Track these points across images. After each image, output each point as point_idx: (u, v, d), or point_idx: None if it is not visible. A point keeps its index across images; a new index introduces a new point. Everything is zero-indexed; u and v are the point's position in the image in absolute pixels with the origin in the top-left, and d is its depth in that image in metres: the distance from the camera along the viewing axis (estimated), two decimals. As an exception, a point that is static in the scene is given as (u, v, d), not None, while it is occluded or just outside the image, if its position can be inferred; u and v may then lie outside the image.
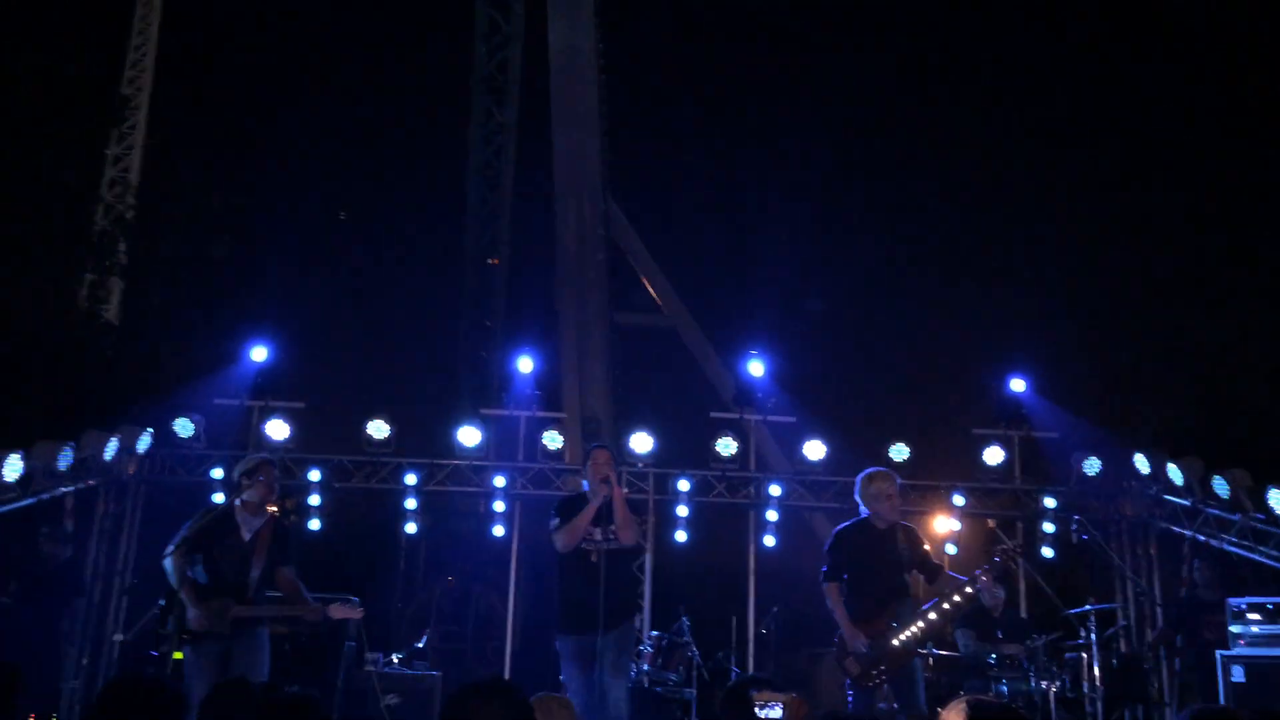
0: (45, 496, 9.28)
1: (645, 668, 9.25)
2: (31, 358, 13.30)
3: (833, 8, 22.59)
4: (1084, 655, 8.75)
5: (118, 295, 16.65)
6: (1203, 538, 9.93)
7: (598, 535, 6.38)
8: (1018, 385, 11.25)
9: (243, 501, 6.56)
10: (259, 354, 10.85)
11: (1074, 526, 9.17)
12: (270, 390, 10.88)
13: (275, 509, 6.72)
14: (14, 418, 12.20)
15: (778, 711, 4.53)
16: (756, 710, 4.61)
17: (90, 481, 10.01)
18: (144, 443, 10.39)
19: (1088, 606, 8.69)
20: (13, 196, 13.23)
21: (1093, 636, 8.57)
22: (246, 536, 6.55)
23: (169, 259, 15.86)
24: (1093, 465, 10.78)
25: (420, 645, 10.61)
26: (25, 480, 8.88)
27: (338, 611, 6.56)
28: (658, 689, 9.28)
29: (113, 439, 9.95)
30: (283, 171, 20.03)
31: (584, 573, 6.33)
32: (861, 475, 6.79)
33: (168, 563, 6.38)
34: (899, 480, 6.88)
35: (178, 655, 6.25)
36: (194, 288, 16.20)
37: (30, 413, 12.43)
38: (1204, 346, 15.98)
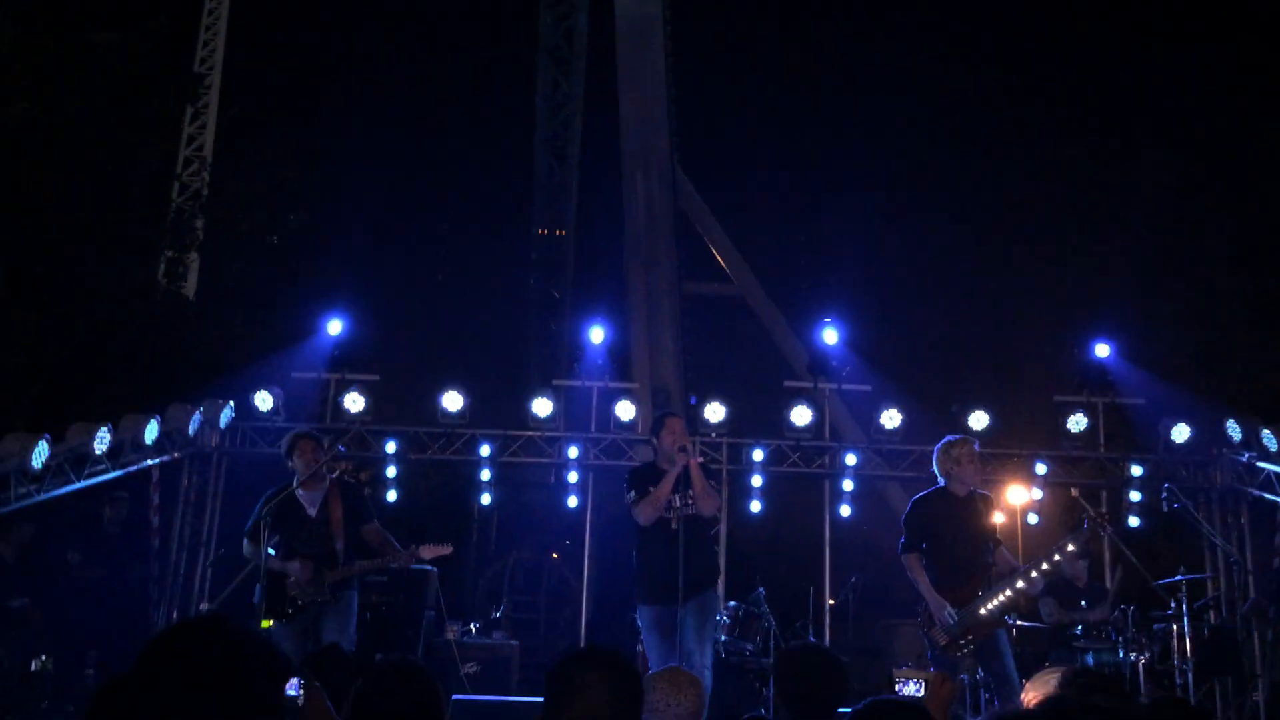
0: (133, 469, 9.51)
1: (722, 638, 9.21)
2: (115, 334, 13.61)
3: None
4: (1174, 626, 8.52)
5: (195, 271, 16.96)
6: (1298, 506, 9.60)
7: (677, 502, 6.32)
8: (1102, 350, 10.94)
9: (298, 480, 6.64)
10: (335, 327, 10.97)
11: (1164, 495, 8.90)
12: (346, 363, 10.99)
13: (342, 470, 6.81)
14: (101, 393, 12.50)
15: (920, 689, 4.42)
16: (898, 688, 4.53)
17: (175, 454, 10.22)
18: (226, 416, 10.58)
19: (1178, 577, 8.44)
20: (93, 178, 13.49)
21: (1184, 607, 8.33)
22: (313, 512, 6.65)
23: (245, 233, 16.08)
24: (1181, 432, 10.46)
25: (497, 615, 10.70)
26: (114, 452, 9.10)
27: (428, 551, 6.64)
28: (734, 659, 9.24)
29: (196, 412, 10.14)
30: (354, 145, 20.21)
31: (663, 541, 6.26)
32: (942, 443, 6.63)
33: (246, 546, 6.53)
34: (977, 445, 6.70)
35: (266, 623, 6.37)
36: (270, 262, 16.43)
37: (115, 388, 12.73)
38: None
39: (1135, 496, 10.64)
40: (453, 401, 10.77)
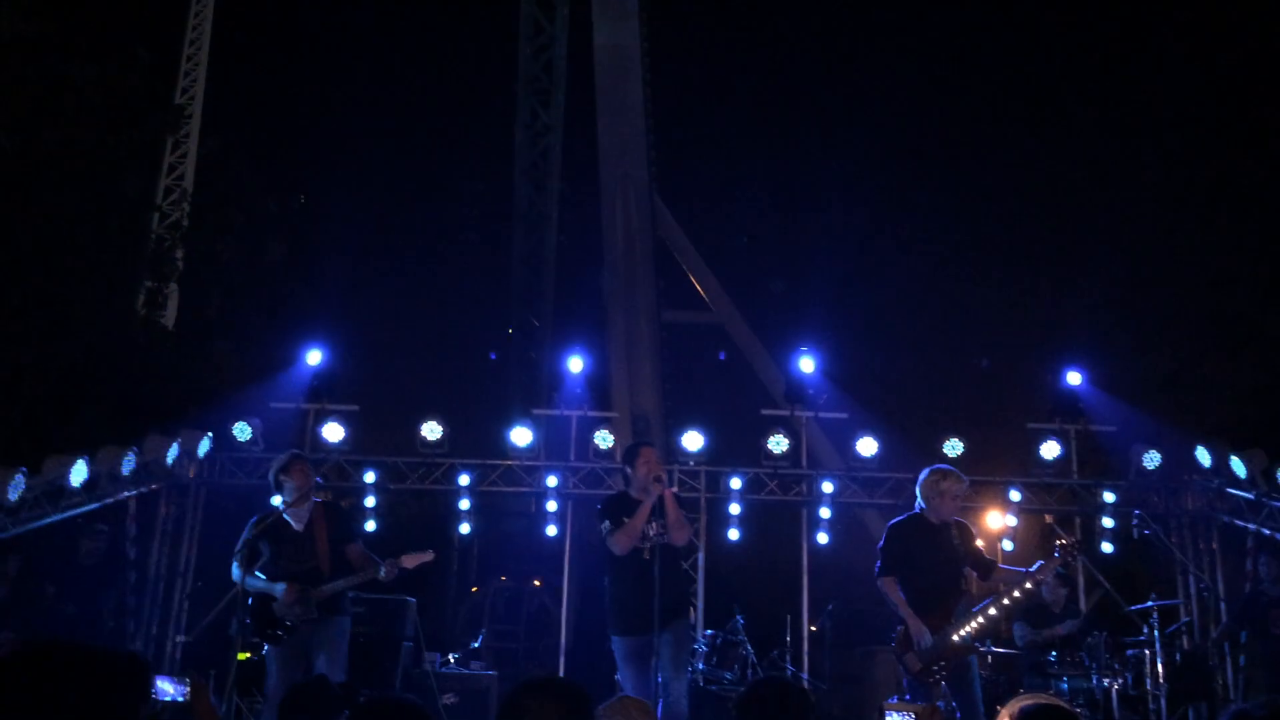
0: (109, 500, 9.49)
1: (700, 666, 9.24)
2: (94, 364, 13.58)
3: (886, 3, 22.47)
4: (1146, 652, 8.61)
5: (175, 301, 16.95)
6: (1267, 531, 9.71)
7: (651, 532, 6.35)
8: (1074, 378, 11.08)
9: (286, 501, 6.71)
10: (314, 357, 10.99)
11: (1134, 521, 9.02)
12: (326, 393, 11.01)
13: (325, 495, 6.90)
14: (78, 423, 12.47)
15: None
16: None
17: (153, 485, 10.20)
18: (204, 447, 10.57)
19: (1150, 603, 8.54)
20: (74, 208, 13.51)
21: (1155, 633, 8.42)
22: (299, 528, 6.69)
23: (225, 264, 16.10)
24: (1152, 459, 10.59)
25: (475, 645, 10.69)
26: (90, 484, 9.08)
27: (410, 560, 6.68)
28: (713, 687, 9.27)
29: (174, 443, 10.13)
30: (334, 175, 20.27)
31: (636, 571, 6.28)
32: (930, 469, 6.65)
33: (235, 571, 6.51)
34: (967, 483, 6.75)
35: (242, 656, 6.37)
36: (250, 292, 16.44)
37: (94, 418, 12.70)
38: (1265, 335, 15.64)
39: (1107, 523, 10.75)
40: (432, 431, 10.80)
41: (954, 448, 10.55)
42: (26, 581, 8.89)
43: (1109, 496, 10.79)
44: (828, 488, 11.03)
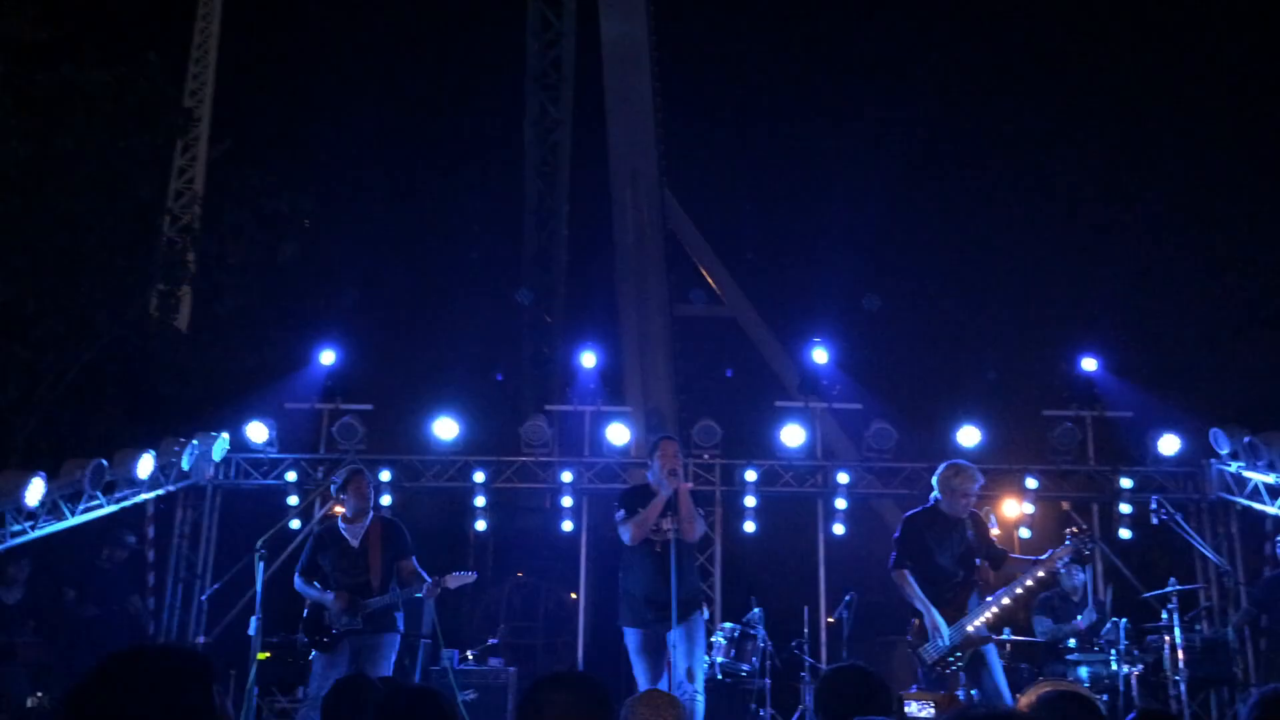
0: (128, 503, 9.54)
1: (719, 659, 9.24)
2: (108, 368, 13.64)
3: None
4: (1166, 638, 8.56)
5: (188, 304, 16.98)
6: (1287, 514, 9.65)
7: (665, 525, 6.35)
8: (1089, 364, 11.03)
9: (343, 515, 6.95)
10: (327, 357, 11.03)
11: (1153, 507, 8.96)
12: (340, 393, 11.05)
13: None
14: (95, 427, 12.52)
15: (930, 711, 4.54)
16: (907, 710, 4.63)
17: (170, 488, 10.25)
18: (220, 449, 10.61)
19: (1169, 588, 8.49)
20: (86, 212, 13.55)
21: (1175, 618, 8.37)
22: (355, 544, 6.90)
23: (237, 265, 16.12)
24: (1169, 443, 10.54)
25: (493, 642, 10.71)
26: (108, 488, 9.14)
27: (453, 580, 6.87)
28: (731, 679, 9.27)
29: (190, 445, 10.17)
30: (343, 176, 20.29)
31: (648, 564, 6.30)
32: (947, 464, 6.65)
33: (298, 583, 6.86)
34: (980, 478, 6.73)
35: (262, 655, 6.44)
36: (262, 293, 16.45)
37: (109, 422, 12.75)
38: (1281, 318, 15.55)
39: (1125, 509, 10.71)
40: (446, 429, 10.83)
41: (970, 436, 10.52)
42: (43, 585, 8.97)
43: (1126, 482, 10.75)
44: (843, 479, 11.01)
